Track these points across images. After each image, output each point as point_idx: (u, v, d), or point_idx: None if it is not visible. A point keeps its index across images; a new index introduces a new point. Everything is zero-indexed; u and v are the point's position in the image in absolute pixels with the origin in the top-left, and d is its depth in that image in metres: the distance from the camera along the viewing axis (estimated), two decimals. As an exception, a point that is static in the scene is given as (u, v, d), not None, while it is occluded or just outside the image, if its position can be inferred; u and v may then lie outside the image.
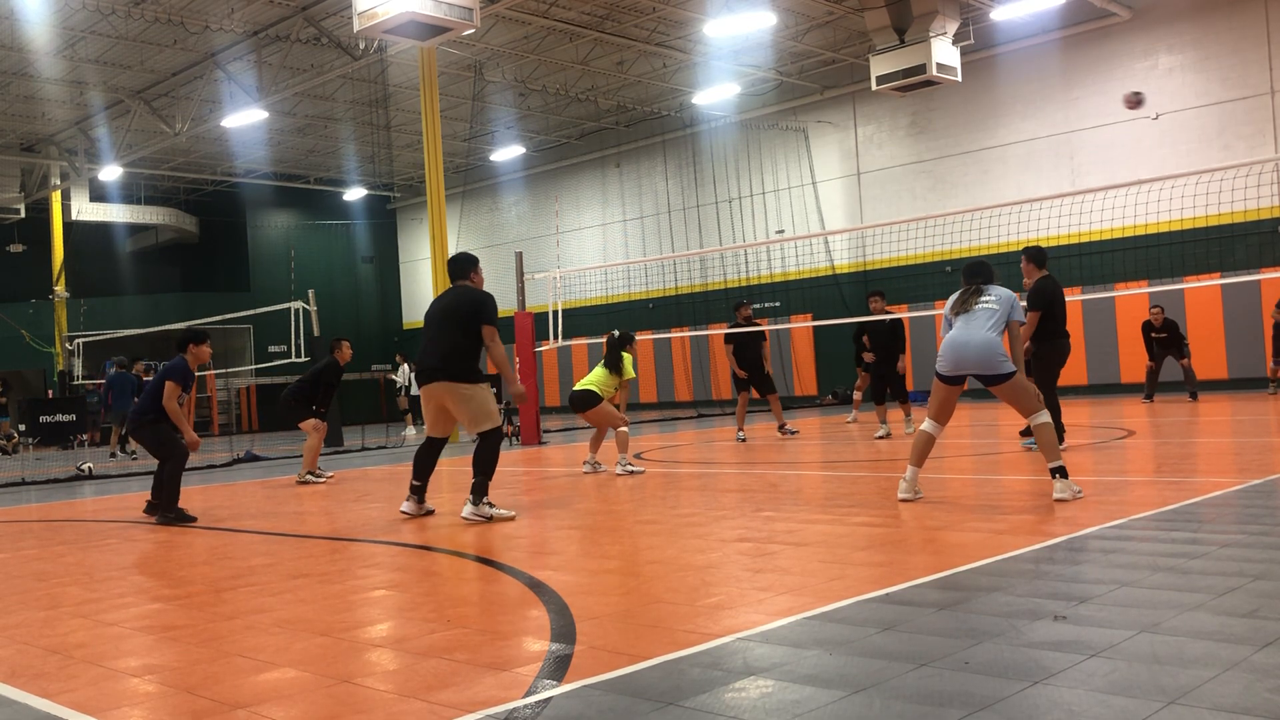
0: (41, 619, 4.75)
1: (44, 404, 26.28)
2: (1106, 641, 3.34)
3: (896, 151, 24.09)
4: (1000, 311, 6.70)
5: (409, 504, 7.72)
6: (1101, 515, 5.79)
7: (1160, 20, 20.26)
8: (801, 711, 2.87)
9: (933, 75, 17.67)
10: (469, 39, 19.80)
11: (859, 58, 22.44)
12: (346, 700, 3.22)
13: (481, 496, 7.29)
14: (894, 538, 5.55)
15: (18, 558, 6.83)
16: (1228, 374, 19.41)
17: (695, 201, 27.39)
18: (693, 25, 20.85)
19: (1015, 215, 18.71)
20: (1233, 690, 2.82)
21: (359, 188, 33.19)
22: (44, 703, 3.40)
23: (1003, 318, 6.69)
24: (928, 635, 3.55)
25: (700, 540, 5.86)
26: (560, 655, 3.57)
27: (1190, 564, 4.43)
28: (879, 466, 9.56)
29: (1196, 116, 19.82)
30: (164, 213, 32.12)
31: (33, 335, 29.60)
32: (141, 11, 18.70)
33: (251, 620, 4.44)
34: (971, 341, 6.63)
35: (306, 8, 19.34)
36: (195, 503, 9.97)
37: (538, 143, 29.90)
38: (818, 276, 24.99)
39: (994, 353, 6.59)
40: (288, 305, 19.93)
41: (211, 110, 23.36)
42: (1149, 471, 7.95)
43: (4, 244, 30.33)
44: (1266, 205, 18.47)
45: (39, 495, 12.18)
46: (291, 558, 6.16)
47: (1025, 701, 2.83)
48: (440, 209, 18.86)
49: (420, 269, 34.42)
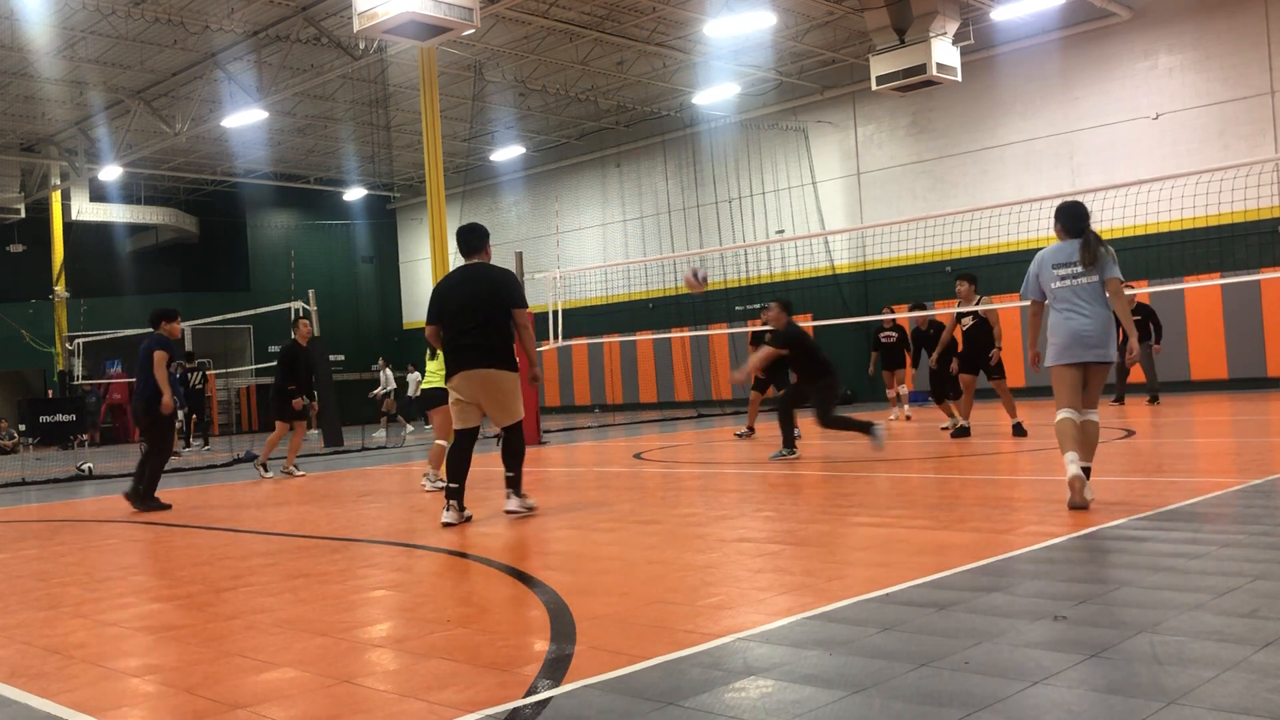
0: (41, 619, 4.75)
1: (44, 404, 26.28)
2: (1106, 641, 3.33)
3: (896, 151, 24.09)
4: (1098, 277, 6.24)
5: (451, 514, 7.12)
6: (1101, 515, 5.79)
7: (1160, 20, 20.26)
8: (801, 711, 2.87)
9: (933, 75, 17.67)
10: (469, 39, 19.80)
11: (859, 58, 22.44)
12: (346, 700, 3.22)
13: (520, 487, 7.33)
14: (894, 538, 5.55)
15: (18, 558, 6.83)
16: (1228, 374, 19.41)
17: (695, 201, 27.40)
18: (693, 25, 20.86)
19: (1015, 215, 18.70)
20: (1233, 690, 2.81)
21: (359, 188, 33.19)
22: (44, 703, 3.40)
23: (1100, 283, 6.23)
24: (928, 635, 3.55)
25: (700, 540, 5.86)
26: (560, 655, 3.57)
27: (1190, 564, 4.42)
28: (879, 466, 9.56)
29: (1196, 116, 19.82)
30: (164, 213, 32.13)
31: (33, 335, 29.61)
32: (141, 11, 18.70)
33: (251, 620, 4.44)
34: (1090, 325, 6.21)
35: (306, 8, 19.34)
36: (195, 502, 9.98)
37: (538, 143, 29.90)
38: (818, 276, 24.99)
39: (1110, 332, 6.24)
40: (288, 305, 19.93)
41: (211, 110, 23.36)
42: (1149, 471, 7.95)
43: (4, 244, 30.33)
44: (1266, 205, 18.47)
45: (39, 495, 12.18)
46: (291, 558, 6.16)
47: (1025, 701, 2.83)
48: (440, 209, 18.86)
49: (420, 269, 34.43)
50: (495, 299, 7.13)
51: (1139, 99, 20.47)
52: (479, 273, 7.27)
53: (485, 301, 7.11)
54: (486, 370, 7.09)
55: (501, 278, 7.27)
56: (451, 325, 7.17)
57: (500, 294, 7.14)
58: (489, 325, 7.10)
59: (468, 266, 7.33)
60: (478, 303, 7.11)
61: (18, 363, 30.31)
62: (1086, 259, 6.15)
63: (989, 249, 20.09)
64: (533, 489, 9.51)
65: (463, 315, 7.13)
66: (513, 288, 7.22)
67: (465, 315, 7.12)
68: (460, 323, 7.13)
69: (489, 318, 7.11)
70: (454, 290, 7.24)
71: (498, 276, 7.26)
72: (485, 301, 7.11)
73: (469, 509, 7.35)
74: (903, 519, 6.18)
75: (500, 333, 7.14)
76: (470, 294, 7.15)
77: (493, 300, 7.12)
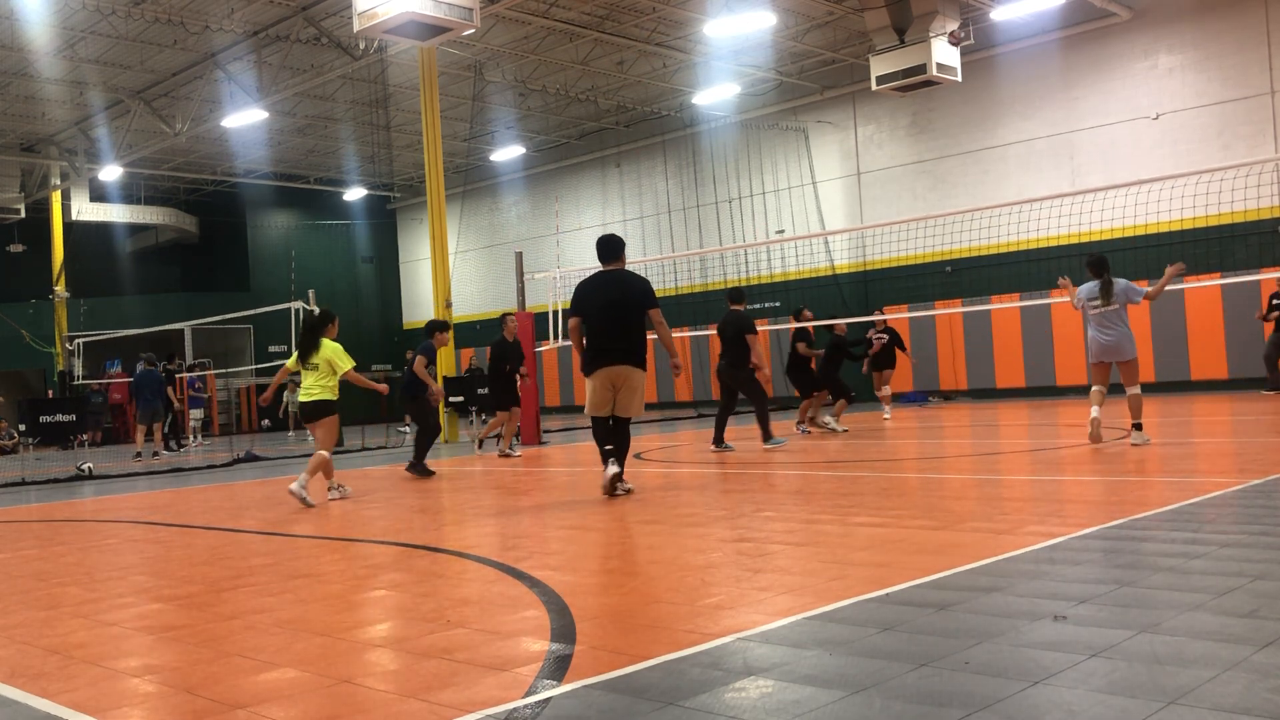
0: (41, 619, 4.75)
1: (44, 404, 26.25)
2: (1106, 641, 3.33)
3: (896, 151, 24.09)
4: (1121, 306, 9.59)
5: (613, 466, 8.05)
6: (1101, 515, 5.79)
7: (1160, 20, 20.25)
8: (801, 711, 2.87)
9: (933, 75, 17.66)
10: (469, 39, 19.79)
11: (859, 58, 22.44)
12: (346, 700, 3.22)
13: (622, 464, 8.10)
14: (894, 538, 5.55)
15: (18, 558, 6.83)
16: (1227, 374, 19.40)
17: (695, 201, 27.39)
18: (693, 25, 20.85)
19: (1015, 215, 18.72)
20: (1233, 690, 2.82)
21: (359, 188, 33.19)
22: (44, 703, 3.40)
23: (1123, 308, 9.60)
24: (928, 635, 3.55)
25: (700, 540, 5.86)
26: (560, 655, 3.57)
27: (1190, 564, 4.43)
28: (879, 466, 9.56)
29: (1196, 116, 19.82)
30: (164, 213, 32.12)
31: (33, 335, 29.60)
32: (141, 11, 18.70)
33: (251, 620, 4.44)
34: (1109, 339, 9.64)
35: (306, 8, 19.34)
36: (195, 502, 9.98)
37: (538, 143, 29.90)
38: (818, 276, 24.98)
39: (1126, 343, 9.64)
40: (288, 305, 19.91)
41: (211, 110, 23.36)
42: (1149, 471, 7.95)
43: (4, 244, 30.33)
44: (1266, 205, 18.47)
45: (39, 495, 12.18)
46: (291, 558, 6.16)
47: (1025, 701, 2.83)
48: (440, 209, 18.86)
49: (420, 269, 34.42)
50: (633, 302, 8.06)
51: (1139, 99, 20.46)
52: (619, 278, 8.18)
53: (625, 305, 8.05)
54: (623, 367, 8.03)
55: (638, 283, 8.17)
56: (594, 325, 8.12)
57: (638, 298, 8.08)
58: (629, 327, 8.06)
59: (607, 272, 8.27)
60: (618, 306, 8.05)
61: (18, 363, 30.30)
62: (1105, 297, 9.70)
63: (989, 249, 20.08)
64: (533, 489, 9.51)
65: (605, 317, 8.07)
66: (648, 292, 8.16)
67: (607, 317, 8.06)
68: (602, 323, 8.07)
69: (628, 320, 8.06)
70: (596, 293, 8.16)
71: (635, 282, 8.17)
72: (625, 305, 8.05)
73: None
74: (903, 519, 6.18)
75: (638, 334, 8.10)
76: (611, 298, 8.06)
77: (632, 304, 8.06)
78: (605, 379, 8.04)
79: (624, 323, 8.06)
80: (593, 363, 8.10)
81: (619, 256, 8.30)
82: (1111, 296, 9.61)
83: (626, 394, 8.05)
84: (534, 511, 7.76)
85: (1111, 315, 9.62)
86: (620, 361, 8.03)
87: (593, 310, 8.11)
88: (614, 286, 8.12)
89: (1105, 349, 9.69)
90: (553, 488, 9.50)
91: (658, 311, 8.16)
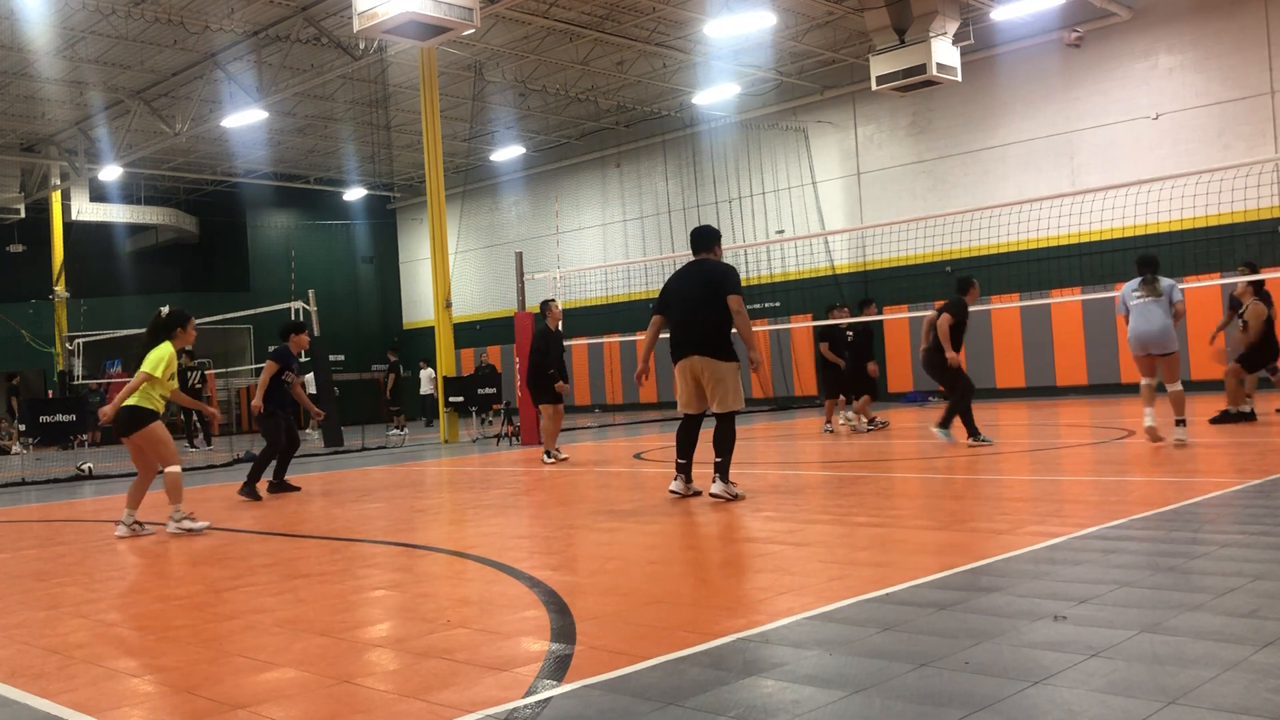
0: (41, 619, 4.75)
1: (44, 404, 26.23)
2: (1106, 641, 3.33)
3: (896, 151, 24.08)
4: (1165, 298, 9.60)
5: (677, 483, 7.83)
6: (1101, 515, 5.79)
7: (1160, 20, 20.25)
8: (801, 711, 2.87)
9: (933, 75, 17.67)
10: (469, 39, 19.80)
11: (859, 58, 22.44)
12: (346, 700, 3.22)
13: (727, 475, 7.58)
14: (894, 538, 5.55)
15: (18, 558, 6.83)
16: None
17: (695, 201, 27.39)
18: (693, 25, 20.85)
19: (1015, 215, 18.72)
20: (1233, 690, 2.81)
21: (359, 188, 33.18)
22: (44, 703, 3.40)
23: (1168, 302, 9.59)
24: (928, 635, 3.55)
25: (701, 540, 5.86)
26: (560, 655, 3.57)
27: (1190, 564, 4.43)
28: (879, 466, 9.56)
29: (1196, 116, 19.82)
30: (164, 213, 32.11)
31: (33, 335, 29.59)
32: (141, 11, 18.70)
33: (251, 620, 4.44)
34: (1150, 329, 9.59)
35: (306, 8, 19.34)
36: (195, 502, 9.98)
37: (538, 143, 29.89)
38: (818, 276, 24.98)
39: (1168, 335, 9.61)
40: (288, 305, 19.93)
41: (211, 110, 23.36)
42: (1149, 471, 7.95)
43: (4, 244, 30.33)
44: (1266, 205, 18.47)
45: (39, 495, 12.18)
46: (291, 558, 6.16)
47: (1025, 701, 2.83)
48: (440, 209, 18.86)
49: (420, 269, 34.41)
50: (710, 290, 7.54)
51: (1139, 99, 20.46)
52: (697, 267, 7.75)
53: (701, 293, 7.57)
54: (699, 358, 7.56)
55: (717, 269, 7.65)
56: (672, 318, 7.77)
57: (715, 284, 7.56)
58: (707, 316, 7.55)
59: (692, 262, 7.85)
60: (693, 297, 7.60)
61: (18, 363, 30.30)
62: (1149, 288, 9.72)
63: (989, 249, 20.09)
64: (533, 489, 9.51)
65: (681, 308, 7.69)
66: (728, 277, 7.58)
67: (685, 308, 7.67)
68: (679, 315, 7.70)
69: (707, 309, 7.55)
70: (676, 284, 7.80)
71: (714, 269, 7.66)
72: (701, 293, 7.57)
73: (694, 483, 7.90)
74: (903, 519, 6.18)
75: (718, 325, 7.54)
76: (688, 290, 7.66)
77: (708, 292, 7.55)
78: (683, 372, 7.68)
79: (697, 312, 7.60)
80: (672, 356, 7.80)
81: (708, 248, 7.84)
82: (1156, 287, 9.61)
83: (713, 387, 7.58)
84: (534, 511, 7.76)
85: (1153, 306, 9.59)
86: (695, 353, 7.59)
87: (674, 302, 7.78)
88: (692, 275, 7.74)
89: (1146, 341, 9.62)
90: (552, 488, 9.50)
91: (736, 299, 7.54)
